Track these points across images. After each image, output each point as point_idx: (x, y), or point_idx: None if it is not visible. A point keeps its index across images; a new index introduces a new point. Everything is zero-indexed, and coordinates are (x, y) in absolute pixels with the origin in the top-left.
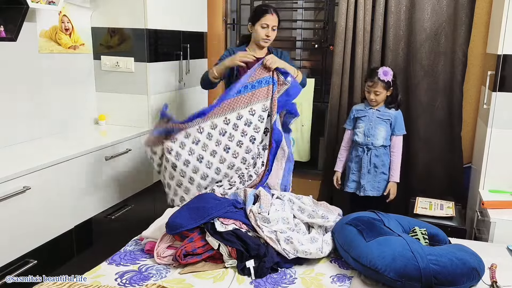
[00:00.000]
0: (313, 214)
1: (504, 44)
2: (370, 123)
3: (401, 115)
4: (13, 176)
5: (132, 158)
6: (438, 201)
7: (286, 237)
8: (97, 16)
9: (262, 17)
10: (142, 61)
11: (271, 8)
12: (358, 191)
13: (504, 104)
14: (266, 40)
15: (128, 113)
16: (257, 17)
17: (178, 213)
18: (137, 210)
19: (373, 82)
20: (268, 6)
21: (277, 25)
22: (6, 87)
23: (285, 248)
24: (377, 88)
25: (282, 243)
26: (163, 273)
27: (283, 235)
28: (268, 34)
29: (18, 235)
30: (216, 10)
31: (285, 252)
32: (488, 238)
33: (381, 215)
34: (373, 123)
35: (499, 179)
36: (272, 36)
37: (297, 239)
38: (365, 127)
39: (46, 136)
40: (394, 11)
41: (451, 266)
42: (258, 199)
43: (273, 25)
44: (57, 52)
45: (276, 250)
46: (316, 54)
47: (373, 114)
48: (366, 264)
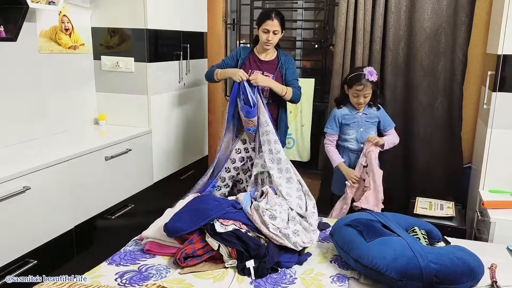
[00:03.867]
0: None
1: (504, 44)
2: (360, 128)
3: (384, 111)
4: (13, 176)
5: (132, 158)
6: (438, 201)
7: (293, 230)
8: (97, 16)
9: (263, 23)
10: (142, 61)
11: (273, 13)
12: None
13: (504, 104)
14: (267, 44)
15: (128, 113)
16: (260, 22)
17: (177, 216)
18: (137, 210)
19: (362, 85)
20: (270, 11)
21: (280, 29)
22: (6, 87)
23: (295, 241)
24: (367, 90)
25: (292, 237)
26: (163, 273)
27: (289, 230)
28: (268, 38)
29: (18, 235)
30: (216, 10)
31: (295, 245)
32: (488, 238)
33: (377, 215)
34: (364, 128)
35: (499, 179)
36: (273, 40)
37: (301, 231)
38: (356, 133)
39: (46, 136)
40: (394, 11)
41: (451, 265)
42: (264, 196)
43: (274, 30)
44: (57, 52)
45: (283, 245)
46: (316, 54)
47: (362, 118)
48: (367, 265)
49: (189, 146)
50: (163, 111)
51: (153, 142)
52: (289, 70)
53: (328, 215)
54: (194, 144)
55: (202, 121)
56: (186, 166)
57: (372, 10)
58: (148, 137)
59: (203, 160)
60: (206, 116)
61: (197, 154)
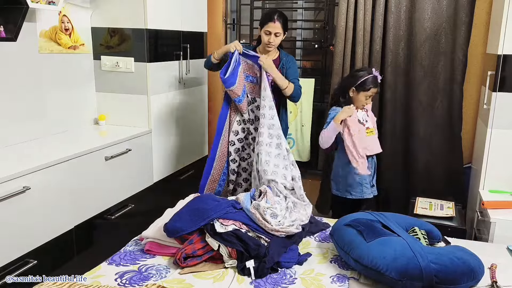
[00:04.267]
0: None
1: (504, 44)
2: None
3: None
4: (13, 176)
5: (132, 158)
6: (438, 201)
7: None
8: (97, 16)
9: (265, 24)
10: (142, 61)
11: (276, 15)
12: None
13: (504, 104)
14: (268, 46)
15: (128, 113)
16: (262, 23)
17: (177, 216)
18: (137, 210)
19: (377, 87)
20: (273, 13)
21: (282, 31)
22: (6, 87)
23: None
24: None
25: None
26: (163, 273)
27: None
28: (270, 40)
29: (18, 235)
30: (216, 10)
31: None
32: (488, 238)
33: (376, 215)
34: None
35: (499, 179)
36: (274, 42)
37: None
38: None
39: (46, 136)
40: (394, 11)
41: (451, 265)
42: (263, 195)
43: (275, 32)
44: (57, 52)
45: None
46: (316, 54)
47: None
48: (367, 265)
49: (189, 146)
50: (163, 111)
51: (153, 142)
52: (290, 69)
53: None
54: (194, 144)
55: (202, 121)
56: (186, 166)
57: (372, 10)
58: (148, 137)
59: (203, 160)
60: (206, 116)
61: (197, 154)
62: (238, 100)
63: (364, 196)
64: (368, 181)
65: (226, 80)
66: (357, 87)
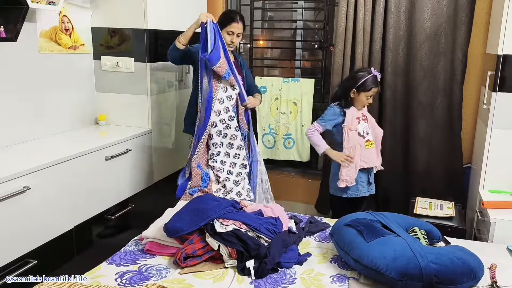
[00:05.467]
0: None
1: (504, 44)
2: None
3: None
4: (13, 176)
5: (132, 158)
6: (438, 201)
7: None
8: (97, 16)
9: (229, 25)
10: (142, 61)
11: (238, 16)
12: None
13: (504, 104)
14: (230, 45)
15: (128, 113)
16: (224, 23)
17: (177, 216)
18: (137, 210)
19: (377, 87)
20: (235, 14)
21: (242, 31)
22: (6, 87)
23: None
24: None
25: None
26: (163, 273)
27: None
28: (232, 40)
29: (18, 235)
30: (216, 10)
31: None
32: (488, 238)
33: (376, 215)
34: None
35: (499, 179)
36: (236, 42)
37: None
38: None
39: (46, 136)
40: (394, 11)
41: (451, 265)
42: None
43: (238, 32)
44: (57, 52)
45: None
46: (316, 54)
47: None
48: (367, 265)
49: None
50: (163, 111)
51: (153, 142)
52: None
53: (328, 215)
54: None
55: None
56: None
57: (372, 10)
58: (148, 137)
59: None
60: None
61: None
62: (228, 74)
63: (359, 194)
64: (364, 180)
65: (212, 56)
66: (358, 88)
